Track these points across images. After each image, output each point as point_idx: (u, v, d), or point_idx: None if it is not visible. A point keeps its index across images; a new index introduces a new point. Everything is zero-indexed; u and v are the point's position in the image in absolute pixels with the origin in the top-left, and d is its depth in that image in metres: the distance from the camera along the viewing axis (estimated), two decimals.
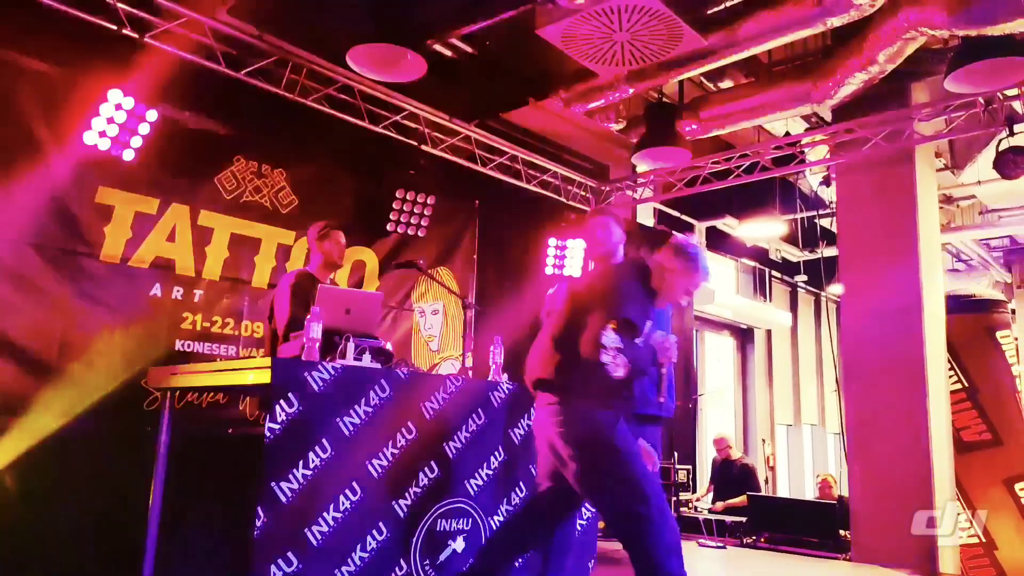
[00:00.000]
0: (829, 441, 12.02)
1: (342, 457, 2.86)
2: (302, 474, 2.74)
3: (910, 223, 6.06)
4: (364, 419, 2.94)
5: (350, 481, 2.90)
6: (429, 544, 3.16)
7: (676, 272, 2.88)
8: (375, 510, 2.98)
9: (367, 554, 2.92)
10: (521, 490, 3.57)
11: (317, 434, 2.79)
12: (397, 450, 3.06)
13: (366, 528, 2.94)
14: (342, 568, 2.85)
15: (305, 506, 2.74)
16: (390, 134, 5.78)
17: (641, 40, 4.91)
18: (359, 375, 3.00)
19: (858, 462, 6.03)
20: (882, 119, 5.95)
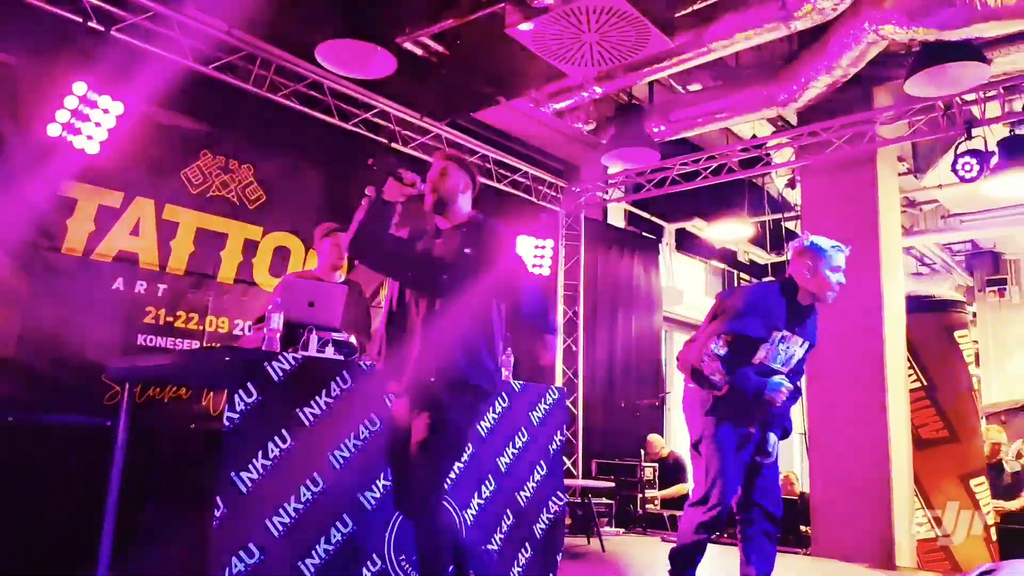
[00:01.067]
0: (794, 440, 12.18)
1: (303, 448, 2.86)
2: (262, 464, 2.74)
3: (872, 225, 6.19)
4: (325, 410, 2.95)
5: (311, 472, 2.90)
6: (404, 538, 3.15)
7: (813, 268, 3.19)
8: (339, 502, 2.98)
9: (332, 546, 2.92)
10: (490, 483, 3.58)
11: (277, 424, 2.79)
12: (361, 442, 3.07)
13: (329, 520, 2.94)
14: (306, 560, 2.85)
15: (266, 497, 2.74)
16: (360, 131, 5.78)
17: (610, 41, 4.98)
18: (320, 366, 3.00)
19: (819, 459, 6.14)
20: (845, 122, 6.08)
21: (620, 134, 6.30)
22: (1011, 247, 11.06)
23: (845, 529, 5.78)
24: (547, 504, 3.87)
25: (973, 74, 5.02)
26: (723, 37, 5.16)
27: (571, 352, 7.68)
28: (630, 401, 7.87)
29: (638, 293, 8.86)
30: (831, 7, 4.68)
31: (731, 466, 3.18)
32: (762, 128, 7.55)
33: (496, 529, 3.54)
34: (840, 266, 3.23)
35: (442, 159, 2.96)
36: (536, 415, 3.93)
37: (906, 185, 8.19)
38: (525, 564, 3.62)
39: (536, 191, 7.46)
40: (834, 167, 6.40)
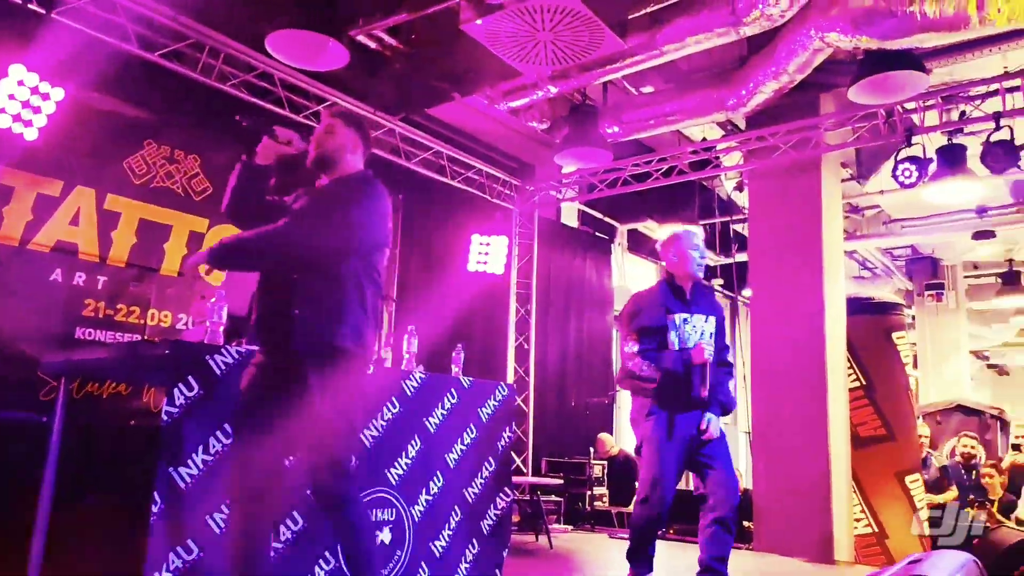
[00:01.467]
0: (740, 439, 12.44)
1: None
2: (202, 460, 2.68)
3: (816, 229, 6.36)
4: None
5: None
6: None
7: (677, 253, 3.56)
8: (288, 499, 2.93)
9: (281, 544, 2.87)
10: (439, 479, 3.57)
11: (219, 419, 2.73)
12: None
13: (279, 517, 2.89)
14: None
15: (205, 493, 2.68)
16: (312, 124, 5.70)
17: (564, 40, 5.01)
18: None
19: (762, 457, 6.28)
20: (791, 128, 6.23)
21: (574, 134, 6.34)
22: (949, 253, 11.47)
23: (786, 525, 5.93)
24: (495, 500, 3.88)
25: (913, 83, 5.19)
26: (675, 40, 5.23)
27: (523, 350, 7.71)
28: (580, 399, 7.94)
29: (590, 292, 8.94)
30: (779, 14, 4.79)
31: (668, 466, 3.38)
32: (712, 131, 7.69)
33: (444, 525, 3.53)
34: (698, 245, 3.62)
35: (329, 116, 2.72)
36: (485, 411, 3.93)
37: (849, 191, 8.43)
38: (472, 559, 3.62)
39: (490, 189, 7.46)
40: (780, 171, 6.55)
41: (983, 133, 5.49)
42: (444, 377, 3.78)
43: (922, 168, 5.81)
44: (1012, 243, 10.48)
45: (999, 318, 13.23)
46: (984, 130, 5.49)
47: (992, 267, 11.75)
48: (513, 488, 4.19)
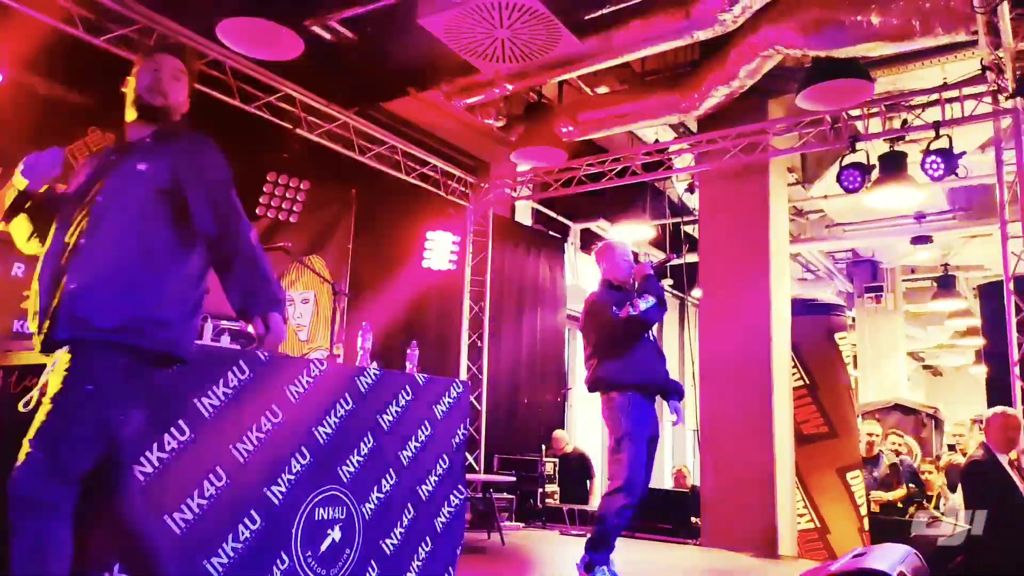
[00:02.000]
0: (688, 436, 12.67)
1: (202, 440, 2.73)
2: (158, 457, 2.60)
3: (763, 231, 6.51)
4: (224, 401, 2.83)
5: (214, 466, 2.77)
6: (309, 534, 3.06)
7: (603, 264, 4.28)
8: (245, 497, 2.85)
9: (241, 545, 2.80)
10: (391, 477, 3.53)
11: (172, 415, 2.66)
12: (263, 434, 2.96)
13: (237, 517, 2.82)
14: (212, 560, 2.72)
15: (163, 491, 2.60)
16: (263, 115, 5.60)
17: (521, 38, 5.02)
18: (215, 355, 2.88)
19: (709, 453, 6.40)
20: (741, 132, 6.36)
21: (529, 132, 6.37)
22: (888, 256, 11.87)
23: (732, 520, 6.06)
24: (448, 498, 3.86)
25: (858, 91, 5.36)
26: (630, 42, 5.30)
27: (476, 348, 7.70)
28: (533, 397, 7.97)
29: (543, 291, 8.98)
30: (731, 19, 4.89)
31: (645, 458, 3.94)
32: (665, 133, 7.80)
33: (396, 523, 3.50)
34: (627, 255, 4.33)
35: (171, 57, 2.37)
36: (440, 408, 3.91)
37: (795, 195, 8.65)
38: (425, 558, 3.60)
39: (445, 185, 7.43)
40: (730, 174, 6.69)
41: (923, 141, 5.69)
42: (398, 374, 3.75)
43: (865, 174, 5.99)
44: (948, 248, 10.91)
45: (934, 321, 13.75)
46: (924, 138, 5.69)
47: (929, 271, 12.21)
48: (466, 485, 4.18)
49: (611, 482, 3.95)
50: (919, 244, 9.91)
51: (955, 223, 9.20)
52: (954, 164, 5.49)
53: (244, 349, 3.10)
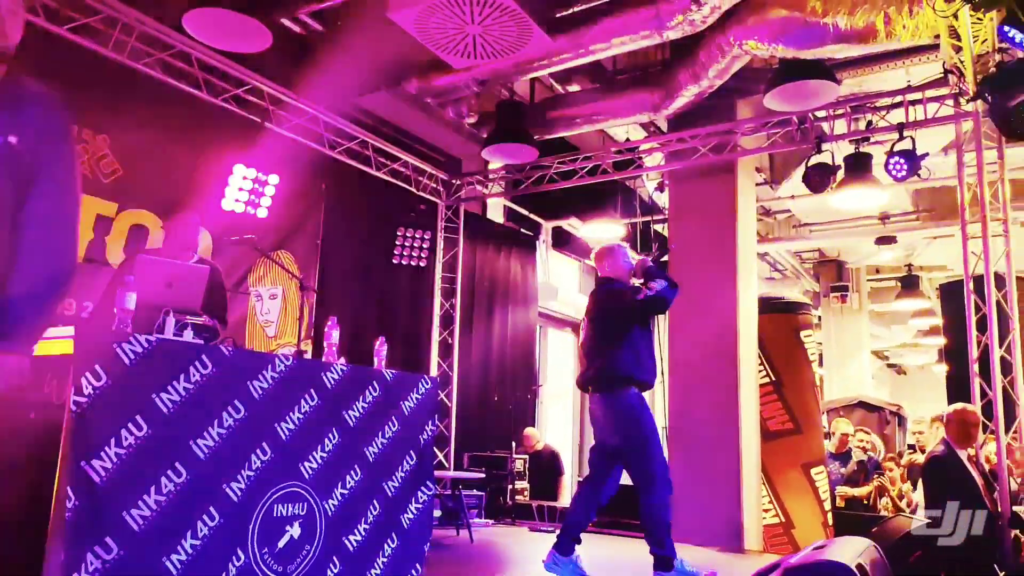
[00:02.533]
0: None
1: (162, 436, 2.69)
2: (115, 453, 2.55)
3: (731, 230, 6.58)
4: (185, 396, 2.79)
5: (172, 462, 2.73)
6: (266, 531, 3.03)
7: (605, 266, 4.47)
8: (204, 493, 2.82)
9: (199, 541, 2.76)
10: (356, 473, 3.51)
11: (131, 410, 2.61)
12: (224, 430, 2.92)
13: (196, 513, 2.78)
14: (172, 556, 2.67)
15: (121, 488, 2.55)
16: (230, 107, 5.53)
17: (493, 35, 5.02)
18: (177, 350, 2.83)
19: (677, 449, 6.45)
20: (710, 131, 6.42)
21: (501, 129, 6.36)
22: (853, 256, 12.08)
23: (699, 516, 6.11)
24: (416, 494, 3.85)
25: (825, 92, 5.44)
26: (601, 40, 5.32)
27: (447, 345, 7.68)
28: (504, 395, 7.98)
29: (515, 288, 8.99)
30: (701, 19, 4.94)
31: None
32: (636, 132, 7.85)
33: (361, 520, 3.48)
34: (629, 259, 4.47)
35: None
36: (408, 405, 3.89)
37: (762, 194, 8.76)
38: (391, 554, 3.58)
39: (416, 181, 7.40)
40: (699, 173, 6.75)
41: (887, 142, 5.79)
42: (366, 369, 3.73)
43: (830, 174, 6.08)
44: (911, 249, 11.13)
45: (898, 320, 14.03)
46: (888, 140, 5.79)
47: (893, 271, 12.45)
48: (435, 482, 4.17)
49: (643, 482, 4.07)
50: (883, 244, 10.10)
51: (918, 224, 9.39)
52: (917, 165, 5.59)
53: (208, 344, 3.06)
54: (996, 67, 4.64)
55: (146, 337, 2.73)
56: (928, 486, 4.87)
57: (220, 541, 2.81)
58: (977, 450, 4.84)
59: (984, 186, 5.20)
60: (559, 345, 11.57)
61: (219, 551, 2.82)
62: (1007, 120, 4.49)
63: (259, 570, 2.95)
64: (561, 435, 10.91)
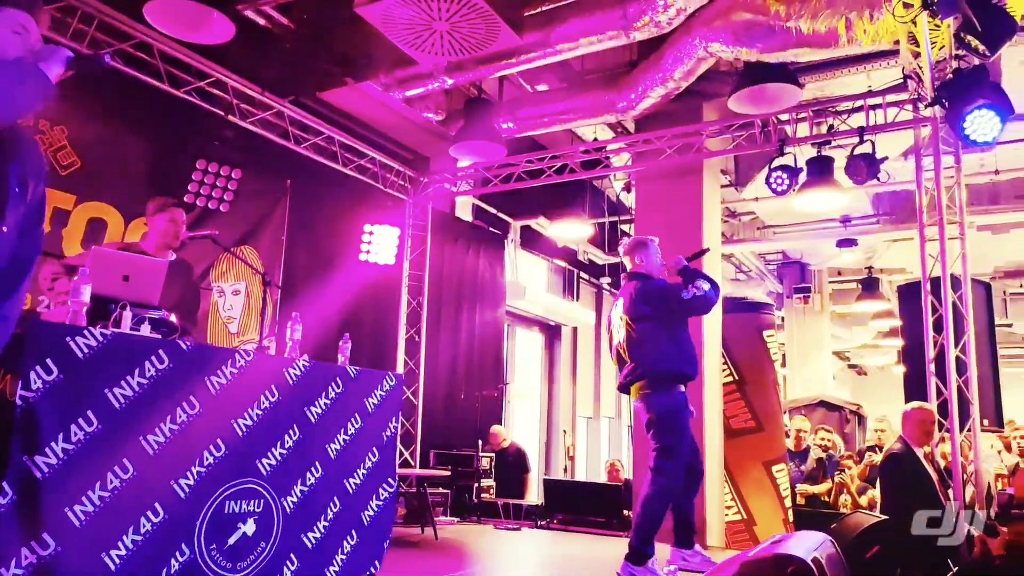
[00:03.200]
0: (623, 432, 12.87)
1: (111, 431, 2.64)
2: (62, 448, 2.50)
3: (696, 231, 6.65)
4: (138, 391, 2.73)
5: (120, 458, 2.68)
6: (216, 527, 2.99)
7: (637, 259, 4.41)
8: (150, 490, 2.77)
9: (140, 537, 2.72)
10: (317, 470, 3.48)
11: (81, 405, 2.56)
12: (177, 426, 2.87)
13: (139, 509, 2.73)
14: (111, 552, 2.63)
15: (65, 484, 2.50)
16: (193, 100, 5.43)
17: (460, 32, 5.00)
18: (133, 344, 2.78)
19: (642, 447, 6.50)
20: (676, 133, 6.48)
21: (469, 127, 6.35)
22: (816, 258, 12.29)
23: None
24: (377, 491, 3.82)
25: (788, 95, 5.53)
26: (569, 40, 5.33)
27: (414, 343, 7.65)
28: (471, 393, 7.96)
29: (483, 287, 8.98)
30: (667, 21, 4.98)
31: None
32: (604, 133, 7.89)
33: (320, 517, 3.45)
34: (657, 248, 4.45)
35: None
36: (372, 401, 3.87)
37: (727, 196, 8.87)
38: (350, 551, 3.55)
39: (383, 178, 7.35)
40: (666, 174, 6.81)
41: (848, 146, 5.90)
42: (329, 366, 3.69)
43: (793, 177, 6.18)
44: (871, 251, 11.35)
45: (859, 321, 14.30)
46: (849, 143, 5.90)
47: (853, 274, 12.68)
48: (396, 478, 4.14)
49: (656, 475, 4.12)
50: (844, 247, 10.28)
51: (878, 227, 9.58)
52: (876, 169, 5.70)
53: (165, 339, 3.01)
54: (953, 73, 4.75)
55: (100, 331, 2.68)
56: (886, 483, 4.97)
57: (164, 537, 2.77)
58: (933, 448, 4.94)
59: (941, 190, 5.32)
60: (526, 344, 11.59)
61: (162, 547, 2.77)
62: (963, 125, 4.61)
63: (206, 566, 2.91)
64: (528, 433, 10.93)
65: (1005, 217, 8.84)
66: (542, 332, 11.93)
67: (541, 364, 11.90)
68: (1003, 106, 4.50)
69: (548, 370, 11.91)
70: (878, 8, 4.66)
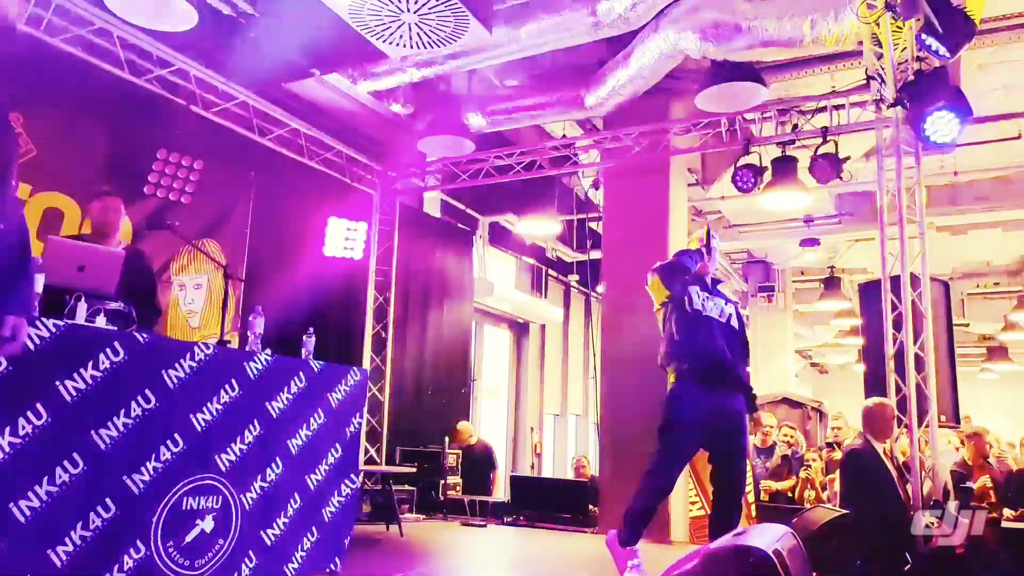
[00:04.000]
0: (590, 430, 12.92)
1: (61, 425, 2.56)
2: (9, 442, 2.42)
3: (663, 229, 6.68)
4: (92, 384, 2.66)
5: (70, 452, 2.61)
6: (172, 523, 2.93)
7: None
8: (101, 485, 2.70)
9: (90, 533, 2.65)
10: (277, 466, 3.42)
11: (30, 398, 2.48)
12: (131, 420, 2.81)
13: (89, 505, 2.66)
14: (57, 548, 2.56)
15: (10, 478, 2.42)
16: (154, 89, 5.31)
17: (429, 24, 4.96)
18: (87, 335, 2.71)
19: (608, 443, 6.53)
20: (644, 130, 6.50)
21: (437, 121, 6.31)
22: (780, 257, 12.44)
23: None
24: (339, 488, 3.78)
25: (753, 94, 5.58)
26: (538, 36, 5.33)
27: (380, 339, 7.58)
28: (438, 389, 7.92)
29: (450, 283, 8.93)
30: (635, 17, 5.00)
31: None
32: (572, 130, 7.90)
33: (280, 513, 3.39)
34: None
35: None
36: (336, 396, 3.82)
37: (693, 195, 8.93)
38: (311, 547, 3.50)
39: (350, 172, 7.27)
40: (633, 172, 6.84)
41: (812, 146, 5.97)
42: (291, 360, 3.63)
43: (758, 176, 6.24)
44: (834, 251, 11.54)
45: (821, 320, 14.51)
46: (813, 143, 5.97)
47: (816, 273, 12.88)
48: (359, 474, 4.10)
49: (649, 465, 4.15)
50: (807, 246, 10.43)
51: (840, 227, 9.73)
52: (839, 168, 5.79)
53: (121, 331, 2.93)
54: (914, 75, 4.84)
55: (54, 322, 2.60)
56: (846, 478, 5.04)
57: (116, 533, 2.70)
58: (892, 443, 5.03)
59: (902, 191, 5.42)
60: (494, 341, 11.57)
61: (114, 544, 2.71)
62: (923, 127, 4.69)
63: (162, 563, 2.85)
64: (495, 430, 10.91)
65: (963, 218, 9.05)
66: (510, 329, 11.91)
67: (509, 361, 11.88)
68: (962, 108, 4.58)
69: (516, 367, 11.90)
70: (842, 9, 4.73)
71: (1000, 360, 15.70)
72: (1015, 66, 6.32)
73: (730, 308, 4.15)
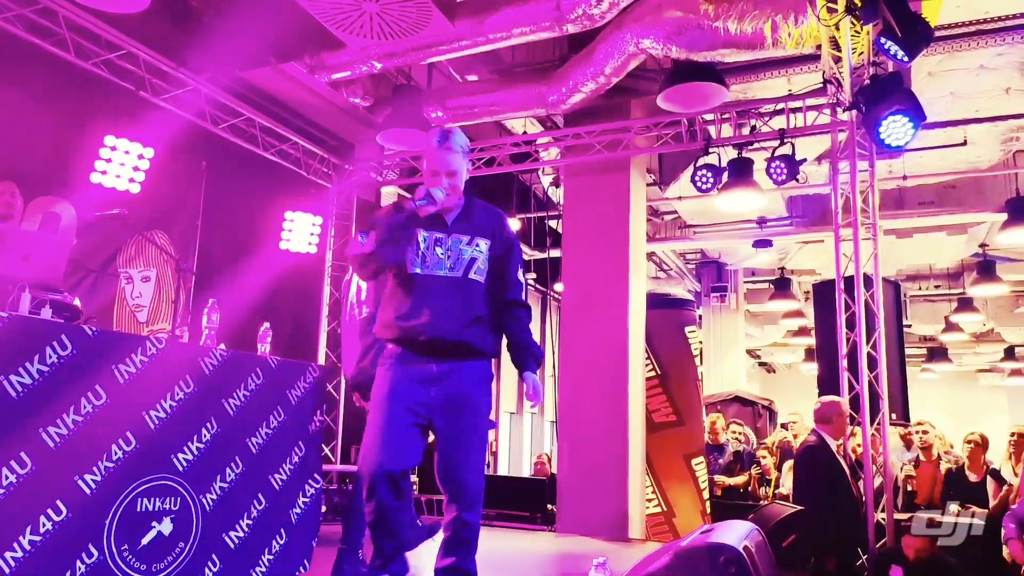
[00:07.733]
0: (546, 428, 12.93)
1: (7, 423, 2.42)
2: None
3: (623, 228, 6.71)
4: (38, 379, 2.52)
5: (17, 452, 2.46)
6: (128, 526, 2.79)
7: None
8: (50, 487, 2.56)
9: (40, 538, 2.50)
10: (238, 465, 3.30)
11: None
12: (81, 418, 2.67)
13: (38, 507, 2.52)
14: (5, 554, 2.42)
15: None
16: (102, 73, 5.09)
17: (391, 15, 4.87)
18: (31, 328, 2.56)
19: (566, 441, 6.52)
20: (605, 128, 6.50)
21: (397, 114, 6.20)
22: (733, 258, 12.65)
23: (587, 507, 6.20)
24: (304, 488, 3.67)
25: (714, 95, 5.63)
26: (501, 29, 5.27)
27: (336, 335, 7.42)
28: None
29: None
30: (599, 14, 4.97)
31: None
32: (533, 127, 7.86)
33: (243, 515, 3.27)
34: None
35: None
36: (295, 393, 3.71)
37: (651, 195, 8.99)
38: (279, 550, 3.39)
39: (306, 164, 7.10)
40: (594, 170, 6.83)
41: (769, 148, 6.06)
42: (248, 356, 3.51)
43: (717, 176, 6.31)
44: (784, 252, 11.78)
45: (770, 320, 14.82)
46: (770, 145, 6.06)
47: (767, 274, 13.13)
48: (322, 474, 3.99)
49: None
50: (760, 248, 10.62)
51: (792, 229, 9.93)
52: (796, 170, 5.88)
53: (67, 323, 2.78)
54: (870, 79, 4.94)
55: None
56: (801, 474, 5.13)
57: (66, 538, 2.57)
58: (844, 440, 5.13)
59: (856, 193, 5.53)
60: None
61: (64, 548, 2.58)
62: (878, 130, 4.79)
63: (117, 568, 2.71)
64: None
65: (909, 222, 9.32)
66: None
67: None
68: (916, 113, 4.69)
69: None
70: (803, 12, 4.80)
71: (941, 361, 16.26)
72: (962, 74, 6.52)
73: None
